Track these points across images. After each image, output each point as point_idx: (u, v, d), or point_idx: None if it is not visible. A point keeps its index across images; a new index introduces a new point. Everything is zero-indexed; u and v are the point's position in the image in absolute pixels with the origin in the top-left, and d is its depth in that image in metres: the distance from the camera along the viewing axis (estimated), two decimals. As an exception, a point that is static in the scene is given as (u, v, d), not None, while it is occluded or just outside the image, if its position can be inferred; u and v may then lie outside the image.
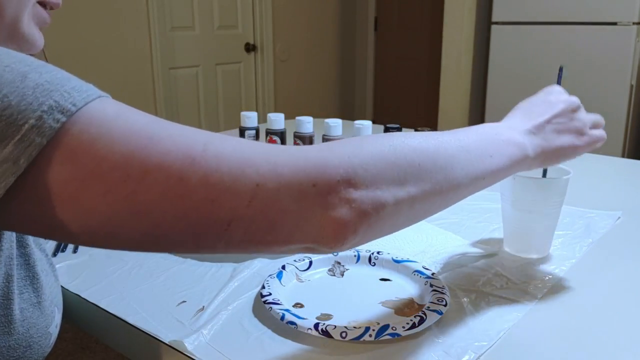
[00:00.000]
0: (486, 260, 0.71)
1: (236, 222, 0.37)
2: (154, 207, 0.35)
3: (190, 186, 0.35)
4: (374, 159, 0.41)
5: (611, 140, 2.76)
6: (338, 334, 0.52)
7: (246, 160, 0.37)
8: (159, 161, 0.35)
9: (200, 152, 0.36)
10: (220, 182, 0.36)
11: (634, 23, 2.62)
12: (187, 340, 0.53)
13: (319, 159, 0.39)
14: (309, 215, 0.38)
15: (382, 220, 0.41)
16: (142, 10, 3.07)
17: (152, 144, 0.35)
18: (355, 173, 0.40)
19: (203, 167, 0.36)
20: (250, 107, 3.78)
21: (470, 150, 0.48)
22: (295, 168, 0.38)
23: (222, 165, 0.36)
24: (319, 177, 0.38)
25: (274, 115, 1.08)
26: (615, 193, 1.00)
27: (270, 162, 0.38)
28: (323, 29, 4.16)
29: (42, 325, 0.50)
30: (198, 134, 0.38)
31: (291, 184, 0.38)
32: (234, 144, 0.38)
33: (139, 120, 0.36)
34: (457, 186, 0.47)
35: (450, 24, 3.24)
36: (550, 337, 0.54)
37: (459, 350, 0.52)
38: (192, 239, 0.37)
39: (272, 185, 0.37)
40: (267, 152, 0.38)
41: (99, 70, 2.92)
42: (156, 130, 0.36)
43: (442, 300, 0.58)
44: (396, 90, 4.48)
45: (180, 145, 0.36)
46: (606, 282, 0.66)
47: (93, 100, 0.36)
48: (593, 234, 0.79)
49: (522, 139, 0.54)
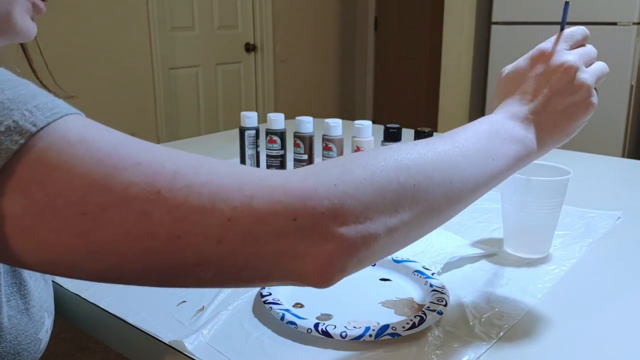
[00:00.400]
0: (486, 260, 0.71)
1: (205, 263, 0.34)
2: (112, 246, 0.32)
3: (153, 222, 0.32)
4: (363, 184, 0.37)
5: (611, 140, 2.76)
6: (338, 334, 0.52)
7: (218, 193, 0.33)
8: (120, 195, 0.32)
9: (168, 184, 0.33)
10: (187, 217, 0.32)
11: (634, 23, 2.62)
12: (187, 340, 0.53)
13: (300, 189, 0.35)
14: (289, 252, 0.35)
15: (373, 252, 0.38)
16: (142, 10, 3.07)
17: (115, 174, 0.32)
18: (342, 204, 0.35)
19: (169, 200, 0.32)
20: (250, 107, 3.78)
21: (471, 157, 0.44)
22: (273, 200, 0.34)
23: (190, 199, 0.33)
24: (300, 210, 0.34)
25: (274, 115, 1.08)
26: (615, 193, 1.00)
27: (245, 195, 0.34)
28: (323, 29, 4.17)
29: (31, 332, 0.49)
30: (169, 159, 0.34)
31: (267, 219, 0.34)
32: (207, 172, 0.34)
33: (103, 146, 0.33)
34: (458, 200, 0.43)
35: (450, 24, 3.24)
36: (550, 336, 0.54)
37: (459, 350, 0.52)
38: (158, 278, 0.34)
39: (245, 220, 0.33)
40: (242, 183, 0.34)
41: (99, 70, 2.92)
42: (122, 157, 0.33)
43: (442, 300, 0.58)
44: (396, 90, 4.48)
45: (146, 176, 0.32)
46: (606, 282, 0.66)
47: (56, 120, 0.33)
48: (593, 234, 0.79)
49: (525, 133, 0.49)
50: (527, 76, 0.53)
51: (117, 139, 0.34)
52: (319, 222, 0.35)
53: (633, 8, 2.60)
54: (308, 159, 1.06)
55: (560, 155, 1.28)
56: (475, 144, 0.45)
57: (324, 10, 4.13)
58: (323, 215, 0.35)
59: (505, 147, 0.47)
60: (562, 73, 0.51)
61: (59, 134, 0.32)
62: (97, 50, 2.90)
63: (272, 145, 1.09)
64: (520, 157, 0.48)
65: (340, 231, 0.35)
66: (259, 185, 0.35)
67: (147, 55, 3.13)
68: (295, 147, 1.06)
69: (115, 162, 0.32)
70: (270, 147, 1.09)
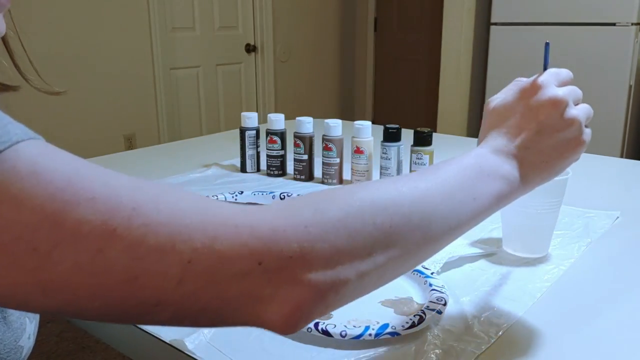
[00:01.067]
0: (485, 259, 0.72)
1: (163, 305, 0.32)
2: (65, 283, 0.30)
3: (109, 260, 0.30)
4: (336, 227, 0.35)
5: (610, 140, 2.76)
6: (338, 333, 0.53)
7: (179, 232, 0.32)
8: (74, 231, 0.30)
9: (125, 221, 0.31)
10: (145, 257, 0.31)
11: (633, 24, 2.62)
12: (187, 340, 0.54)
13: (269, 230, 0.33)
14: (253, 296, 0.33)
15: (342, 297, 0.36)
16: (143, 11, 3.07)
17: (67, 209, 0.30)
18: (312, 248, 0.34)
19: (125, 239, 0.30)
20: (250, 107, 3.78)
21: (453, 196, 0.42)
22: (238, 243, 0.32)
23: (148, 238, 0.31)
24: (266, 253, 0.33)
25: (274, 116, 1.09)
26: (614, 193, 1.00)
27: (207, 236, 0.32)
28: (323, 30, 4.17)
29: (9, 341, 0.47)
30: (128, 193, 0.32)
31: (231, 262, 0.32)
32: (169, 208, 0.32)
33: (57, 178, 0.31)
34: (436, 241, 0.41)
35: (449, 25, 3.24)
36: (549, 336, 0.55)
37: (458, 350, 0.52)
38: (115, 317, 0.33)
39: (207, 263, 0.32)
40: (205, 223, 0.32)
41: (100, 71, 2.92)
42: (76, 191, 0.31)
43: (441, 299, 0.58)
44: (396, 90, 4.48)
45: (101, 212, 0.30)
46: (605, 282, 0.66)
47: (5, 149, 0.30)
48: (592, 233, 0.80)
49: (509, 168, 0.47)
50: (515, 110, 0.51)
51: (73, 170, 0.32)
52: (286, 267, 0.33)
53: (632, 9, 2.61)
54: (308, 159, 1.06)
55: (560, 155, 1.28)
56: (456, 182, 0.43)
57: (324, 10, 4.14)
58: (291, 259, 0.33)
59: (489, 184, 0.45)
60: (552, 107, 0.49)
61: (7, 165, 0.30)
62: (98, 51, 2.90)
63: (272, 146, 1.09)
64: (503, 194, 0.46)
65: (309, 277, 0.33)
66: (223, 225, 0.33)
67: (148, 56, 3.13)
68: (295, 147, 1.06)
69: (68, 197, 0.30)
70: (270, 147, 1.09)
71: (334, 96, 4.41)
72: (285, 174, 1.11)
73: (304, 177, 1.07)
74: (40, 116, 2.66)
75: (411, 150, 1.00)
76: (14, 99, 0.54)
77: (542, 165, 0.49)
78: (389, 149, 1.01)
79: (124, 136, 3.10)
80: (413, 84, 4.37)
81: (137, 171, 1.14)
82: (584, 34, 2.74)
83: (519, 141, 0.49)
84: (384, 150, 1.01)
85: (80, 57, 2.83)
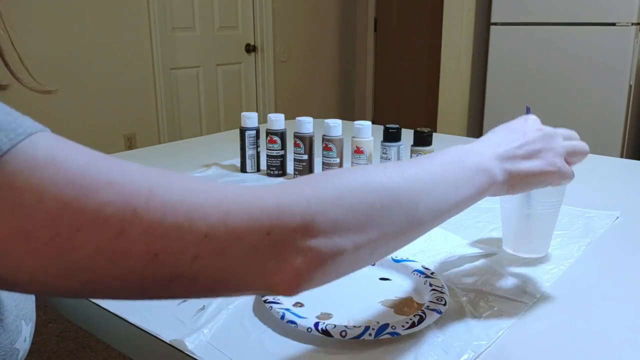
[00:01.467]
0: (485, 259, 0.72)
1: (179, 279, 0.34)
2: (87, 265, 0.32)
3: (130, 241, 0.32)
4: (334, 203, 0.39)
5: (610, 140, 2.76)
6: (338, 333, 0.53)
7: (195, 209, 0.34)
8: (95, 215, 0.31)
9: (144, 201, 0.32)
10: (164, 235, 0.32)
11: (633, 24, 2.62)
12: (187, 340, 0.54)
13: (274, 205, 0.36)
14: (261, 266, 0.36)
15: (340, 267, 0.40)
16: (143, 11, 3.07)
17: (88, 195, 0.31)
18: (313, 220, 0.37)
19: (146, 219, 0.32)
20: (250, 107, 3.78)
21: (436, 184, 0.46)
22: (248, 217, 0.35)
23: (167, 216, 0.33)
24: (273, 225, 0.36)
25: (274, 116, 1.09)
26: (614, 193, 1.00)
27: (221, 211, 0.35)
28: (323, 30, 4.17)
29: (5, 344, 0.47)
30: (142, 178, 0.34)
31: (242, 235, 0.35)
32: (182, 188, 0.34)
33: (74, 166, 0.32)
34: (421, 224, 0.45)
35: (449, 25, 3.24)
36: (549, 336, 0.55)
37: (458, 350, 0.52)
38: (131, 293, 0.34)
39: (221, 237, 0.34)
40: (218, 199, 0.35)
41: (100, 71, 2.92)
42: (94, 176, 0.32)
43: (441, 299, 0.58)
44: (396, 90, 4.48)
45: (121, 195, 0.32)
46: (605, 282, 0.66)
47: (21, 141, 0.31)
48: (592, 233, 0.80)
49: (490, 164, 0.52)
50: (520, 130, 0.56)
51: (87, 157, 0.33)
52: (290, 237, 0.36)
53: (632, 8, 2.61)
54: (308, 159, 1.06)
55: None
56: (440, 172, 0.47)
57: (324, 10, 4.14)
58: (294, 231, 0.36)
59: (470, 175, 0.49)
60: (540, 131, 0.56)
61: (26, 155, 0.31)
62: (99, 51, 2.90)
63: (272, 146, 1.09)
64: (483, 187, 0.50)
65: (309, 244, 0.37)
66: (235, 202, 0.35)
67: (148, 56, 3.14)
68: (295, 147, 1.06)
69: (87, 183, 0.32)
70: (270, 147, 1.09)
71: (334, 96, 4.41)
72: (285, 174, 1.11)
73: (304, 177, 1.07)
74: (40, 116, 2.65)
75: (411, 150, 1.00)
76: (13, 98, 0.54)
77: (513, 170, 0.53)
78: (389, 149, 1.01)
79: (124, 136, 3.10)
80: (413, 83, 4.37)
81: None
82: (584, 34, 2.74)
83: (502, 149, 0.53)
84: (384, 150, 1.01)
85: (80, 57, 2.83)
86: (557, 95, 2.88)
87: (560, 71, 2.84)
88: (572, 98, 2.84)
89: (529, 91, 2.96)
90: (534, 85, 2.93)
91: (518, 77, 2.98)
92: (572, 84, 2.82)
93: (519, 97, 2.99)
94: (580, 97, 2.82)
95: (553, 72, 2.87)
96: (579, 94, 2.82)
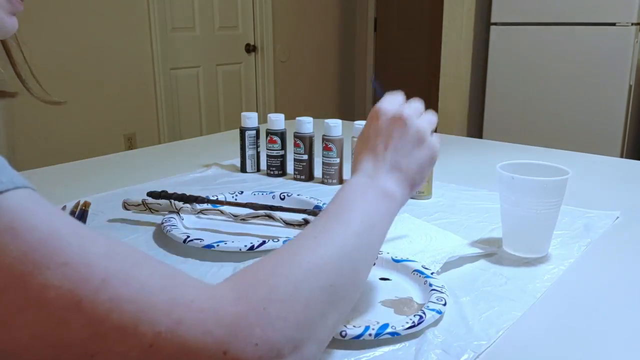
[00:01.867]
0: (485, 259, 0.72)
1: None
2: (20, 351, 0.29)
3: (69, 334, 0.29)
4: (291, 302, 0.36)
5: (610, 140, 2.77)
6: (338, 333, 0.53)
7: (144, 312, 0.30)
8: (38, 297, 0.29)
9: (93, 292, 0.30)
10: (106, 335, 0.30)
11: (633, 24, 2.62)
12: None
13: (232, 316, 0.33)
14: None
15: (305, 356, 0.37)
16: (143, 11, 3.07)
17: (36, 273, 0.29)
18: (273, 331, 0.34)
19: (88, 313, 0.29)
20: (250, 107, 3.78)
21: (360, 236, 0.45)
22: (203, 331, 0.31)
23: (113, 314, 0.30)
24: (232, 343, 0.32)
25: (274, 116, 1.09)
26: (614, 193, 1.00)
27: (173, 319, 0.31)
28: (323, 30, 4.17)
29: None
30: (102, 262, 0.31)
31: (196, 350, 0.31)
32: (138, 285, 0.31)
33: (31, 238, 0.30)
34: (362, 280, 0.45)
35: (449, 25, 3.24)
36: (549, 336, 0.55)
37: (458, 350, 0.52)
38: None
39: (169, 349, 0.31)
40: (172, 304, 0.32)
41: (100, 71, 2.93)
42: (48, 254, 0.30)
43: (441, 299, 0.58)
44: (396, 90, 4.48)
45: (69, 280, 0.29)
46: (604, 282, 0.66)
47: None
48: (591, 233, 0.80)
49: (389, 186, 0.52)
50: (371, 135, 0.57)
51: (51, 229, 0.31)
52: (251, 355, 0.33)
53: (632, 9, 2.61)
54: (308, 159, 1.06)
55: (559, 155, 1.28)
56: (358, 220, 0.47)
57: (324, 10, 4.14)
58: (256, 346, 0.33)
59: (379, 208, 0.50)
60: (400, 123, 0.56)
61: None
62: (99, 51, 2.91)
63: (272, 146, 1.09)
64: (393, 210, 0.52)
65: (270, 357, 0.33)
66: (189, 309, 0.32)
67: (148, 56, 3.14)
68: (295, 147, 1.06)
69: (39, 259, 0.29)
70: (270, 147, 1.09)
71: (334, 96, 4.41)
72: (285, 174, 1.11)
73: (304, 177, 1.07)
74: (40, 116, 2.66)
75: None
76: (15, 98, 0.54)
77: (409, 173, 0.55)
78: (389, 149, 1.01)
79: (124, 136, 3.10)
80: (413, 84, 4.37)
81: (137, 171, 1.14)
82: (584, 34, 2.74)
83: (374, 160, 0.55)
84: (384, 150, 1.01)
85: (80, 57, 2.83)
86: (557, 95, 2.88)
87: (560, 71, 2.84)
88: (572, 98, 2.84)
89: (528, 91, 2.96)
90: (533, 85, 2.93)
91: (518, 77, 2.98)
92: (572, 84, 2.82)
93: (519, 97, 2.99)
94: (580, 97, 2.82)
95: (553, 72, 2.87)
96: (578, 94, 2.82)
